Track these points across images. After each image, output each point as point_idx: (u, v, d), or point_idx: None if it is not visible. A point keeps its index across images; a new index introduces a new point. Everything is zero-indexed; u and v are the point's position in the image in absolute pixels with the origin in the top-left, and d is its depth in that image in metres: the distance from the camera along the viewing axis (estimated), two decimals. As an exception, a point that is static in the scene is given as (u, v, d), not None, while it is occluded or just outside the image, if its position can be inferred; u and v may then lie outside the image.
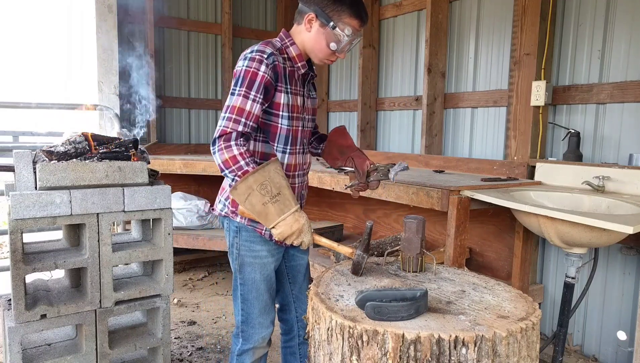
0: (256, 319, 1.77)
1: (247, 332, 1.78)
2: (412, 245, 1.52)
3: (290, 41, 1.66)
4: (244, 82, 1.54)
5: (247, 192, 1.46)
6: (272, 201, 1.47)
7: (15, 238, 1.80)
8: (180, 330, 3.10)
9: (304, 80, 1.72)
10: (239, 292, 1.76)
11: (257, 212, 1.49)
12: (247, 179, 1.45)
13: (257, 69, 1.54)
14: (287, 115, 1.64)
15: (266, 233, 1.72)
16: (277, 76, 1.58)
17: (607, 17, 2.59)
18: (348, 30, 1.57)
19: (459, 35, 3.46)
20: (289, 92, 1.64)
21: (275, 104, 1.62)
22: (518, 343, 1.11)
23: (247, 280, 1.74)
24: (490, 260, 3.00)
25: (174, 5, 4.45)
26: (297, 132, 1.70)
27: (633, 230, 1.72)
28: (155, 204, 2.08)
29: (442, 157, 3.37)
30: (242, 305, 1.77)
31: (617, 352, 2.58)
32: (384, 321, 1.13)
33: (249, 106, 1.54)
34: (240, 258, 1.74)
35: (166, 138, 4.53)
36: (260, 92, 1.54)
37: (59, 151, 1.95)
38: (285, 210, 1.48)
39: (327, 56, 1.64)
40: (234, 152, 1.50)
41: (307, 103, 1.75)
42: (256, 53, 1.57)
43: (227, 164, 1.51)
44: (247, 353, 1.79)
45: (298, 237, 1.51)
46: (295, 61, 1.66)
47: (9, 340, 1.82)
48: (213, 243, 3.69)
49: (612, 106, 2.59)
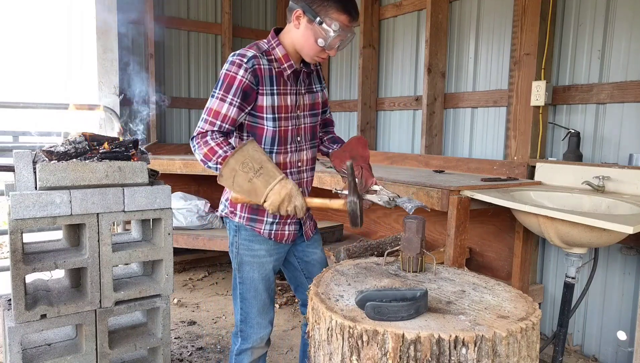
0: (254, 319, 1.79)
1: (246, 332, 1.79)
2: (412, 245, 1.52)
3: (276, 42, 1.67)
4: (222, 85, 1.59)
5: (231, 175, 1.49)
6: (256, 175, 1.49)
7: (15, 238, 1.80)
8: (180, 330, 3.10)
9: (296, 78, 1.71)
10: (238, 291, 1.78)
11: (246, 191, 1.51)
12: (228, 162, 1.49)
13: (236, 73, 1.58)
14: (271, 117, 1.65)
15: (265, 232, 1.73)
16: (257, 80, 1.60)
17: (607, 17, 2.59)
18: (335, 26, 1.55)
19: (459, 35, 3.46)
20: (274, 93, 1.64)
21: (259, 107, 1.64)
22: (518, 343, 1.11)
23: (246, 279, 1.76)
24: (490, 260, 3.00)
25: (174, 5, 4.45)
26: (287, 132, 1.70)
27: (633, 230, 1.72)
28: (155, 204, 2.08)
29: (442, 157, 3.37)
30: (241, 304, 1.78)
31: (617, 352, 2.58)
32: (384, 321, 1.13)
33: (224, 109, 1.58)
34: (239, 257, 1.76)
35: (166, 137, 4.53)
36: (237, 95, 1.58)
37: (59, 151, 1.95)
38: (270, 181, 1.50)
39: (317, 53, 1.63)
40: (211, 144, 1.56)
41: (303, 100, 1.75)
42: (237, 57, 1.59)
43: (207, 156, 1.56)
44: (246, 353, 1.81)
45: (290, 203, 1.52)
46: (282, 61, 1.66)
47: (9, 340, 1.82)
48: (213, 243, 3.69)
49: (612, 106, 2.59)
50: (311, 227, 1.91)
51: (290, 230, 1.80)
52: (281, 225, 1.77)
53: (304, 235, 1.86)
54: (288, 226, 1.79)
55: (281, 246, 1.81)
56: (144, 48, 4.28)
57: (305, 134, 1.78)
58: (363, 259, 1.70)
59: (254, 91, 1.61)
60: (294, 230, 1.81)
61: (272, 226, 1.75)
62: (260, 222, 1.74)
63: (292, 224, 1.79)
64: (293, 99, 1.70)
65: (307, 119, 1.78)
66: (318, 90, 1.83)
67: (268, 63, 1.63)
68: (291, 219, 1.78)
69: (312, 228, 1.91)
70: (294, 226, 1.80)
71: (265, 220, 1.74)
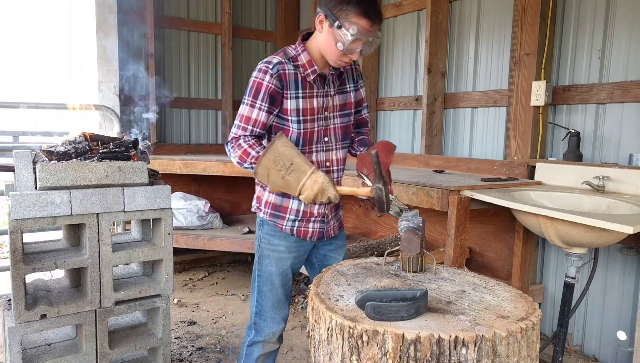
0: (268, 312, 1.84)
1: (259, 325, 1.86)
2: (412, 245, 1.52)
3: (301, 48, 1.72)
4: (251, 92, 1.68)
5: (265, 173, 1.58)
6: (287, 173, 1.57)
7: (15, 238, 1.80)
8: (180, 330, 3.10)
9: (324, 81, 1.75)
10: (256, 284, 1.86)
11: (281, 186, 1.60)
12: (261, 161, 1.57)
13: (262, 79, 1.66)
14: (296, 119, 1.70)
15: (287, 228, 1.80)
16: (282, 84, 1.67)
17: (607, 17, 2.59)
18: (353, 30, 1.56)
19: (459, 35, 3.46)
20: (299, 97, 1.70)
21: (284, 110, 1.70)
22: (518, 343, 1.11)
23: (264, 272, 1.83)
24: (490, 260, 3.00)
25: (174, 5, 4.45)
26: (313, 133, 1.75)
27: (633, 230, 1.72)
28: (155, 204, 2.08)
29: (442, 157, 3.38)
30: (257, 297, 1.86)
31: (617, 352, 2.58)
32: (384, 321, 1.13)
33: (254, 114, 1.68)
34: (260, 250, 1.84)
35: (166, 138, 4.53)
36: (265, 100, 1.66)
37: (59, 151, 1.95)
38: (301, 177, 1.57)
39: (338, 57, 1.66)
40: (244, 147, 1.66)
41: (332, 101, 1.78)
42: (263, 64, 1.67)
43: (242, 159, 1.66)
44: (257, 345, 1.87)
45: (323, 195, 1.59)
46: (306, 67, 1.71)
47: (9, 340, 1.82)
48: (213, 243, 3.69)
49: (612, 106, 2.59)
50: (334, 227, 1.92)
51: (314, 228, 1.83)
52: (304, 222, 1.81)
53: (325, 233, 1.88)
54: (312, 224, 1.82)
55: (303, 244, 1.84)
56: (144, 48, 4.28)
57: (334, 134, 1.81)
58: (363, 259, 1.70)
59: (280, 95, 1.68)
60: (319, 228, 1.84)
61: (295, 223, 1.80)
62: (282, 219, 1.80)
63: (316, 222, 1.83)
64: (320, 101, 1.75)
65: (337, 119, 1.81)
66: (351, 90, 1.85)
67: (294, 68, 1.69)
68: (315, 217, 1.81)
69: (335, 228, 1.92)
70: (318, 224, 1.83)
71: (287, 217, 1.79)
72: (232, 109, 4.76)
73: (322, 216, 1.83)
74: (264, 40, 5.05)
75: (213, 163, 3.65)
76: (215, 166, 3.64)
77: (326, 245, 1.92)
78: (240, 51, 4.90)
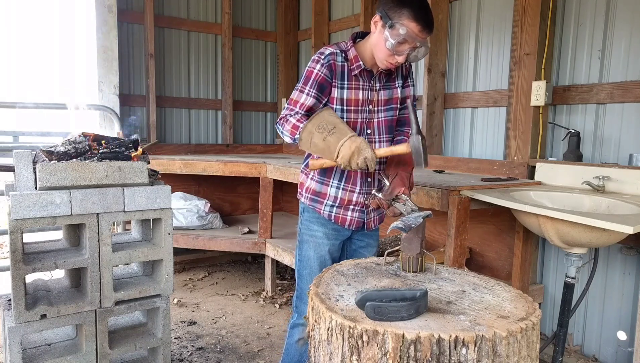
0: (307, 296, 1.86)
1: (300, 307, 1.94)
2: (412, 245, 1.52)
3: (350, 45, 1.81)
4: (303, 79, 1.79)
5: (309, 137, 1.65)
6: (329, 134, 1.63)
7: (15, 238, 1.80)
8: (180, 330, 3.10)
9: (370, 76, 1.82)
10: (297, 268, 1.96)
11: (321, 149, 1.65)
12: (306, 126, 1.65)
13: (313, 68, 1.76)
14: (340, 108, 1.79)
15: (325, 213, 1.88)
16: (332, 73, 1.76)
17: (607, 17, 2.59)
18: (402, 30, 1.62)
19: (459, 35, 3.45)
20: (344, 87, 1.79)
21: (331, 98, 1.79)
22: (518, 343, 1.11)
23: (303, 257, 1.93)
24: (490, 260, 3.00)
25: (174, 5, 4.45)
26: (356, 124, 1.82)
27: (633, 230, 1.72)
28: (155, 204, 2.08)
29: (442, 157, 3.38)
30: (298, 281, 1.96)
31: (617, 352, 2.58)
32: (384, 321, 1.13)
33: (302, 98, 1.77)
34: (301, 235, 1.94)
35: (166, 138, 4.53)
36: (313, 87, 1.76)
37: (59, 151, 1.95)
38: (342, 137, 1.62)
39: (386, 56, 1.71)
40: (292, 121, 1.73)
41: (377, 96, 1.85)
42: (317, 55, 1.78)
43: (292, 133, 1.73)
44: (298, 328, 1.95)
45: (359, 155, 1.60)
46: (352, 62, 1.79)
47: (9, 340, 1.82)
48: (213, 243, 3.69)
49: (612, 106, 2.59)
50: (375, 220, 1.97)
51: (353, 216, 1.89)
52: (342, 209, 1.87)
53: (366, 225, 1.93)
54: (351, 212, 1.88)
55: (341, 232, 1.91)
56: (144, 48, 4.28)
57: (378, 128, 1.86)
58: (363, 259, 1.70)
59: (329, 84, 1.77)
60: (357, 217, 1.89)
61: (332, 208, 1.87)
62: (320, 203, 1.88)
63: (355, 211, 1.88)
64: (365, 94, 1.82)
65: (381, 113, 1.87)
66: (398, 85, 1.89)
67: (343, 60, 1.78)
68: (354, 206, 1.87)
69: (375, 221, 1.97)
70: (357, 214, 1.89)
71: (325, 202, 1.87)
72: (232, 109, 4.77)
73: (361, 206, 1.88)
74: (264, 40, 5.05)
75: (213, 163, 3.65)
76: (215, 166, 3.64)
77: (359, 239, 1.98)
78: (240, 50, 4.90)
